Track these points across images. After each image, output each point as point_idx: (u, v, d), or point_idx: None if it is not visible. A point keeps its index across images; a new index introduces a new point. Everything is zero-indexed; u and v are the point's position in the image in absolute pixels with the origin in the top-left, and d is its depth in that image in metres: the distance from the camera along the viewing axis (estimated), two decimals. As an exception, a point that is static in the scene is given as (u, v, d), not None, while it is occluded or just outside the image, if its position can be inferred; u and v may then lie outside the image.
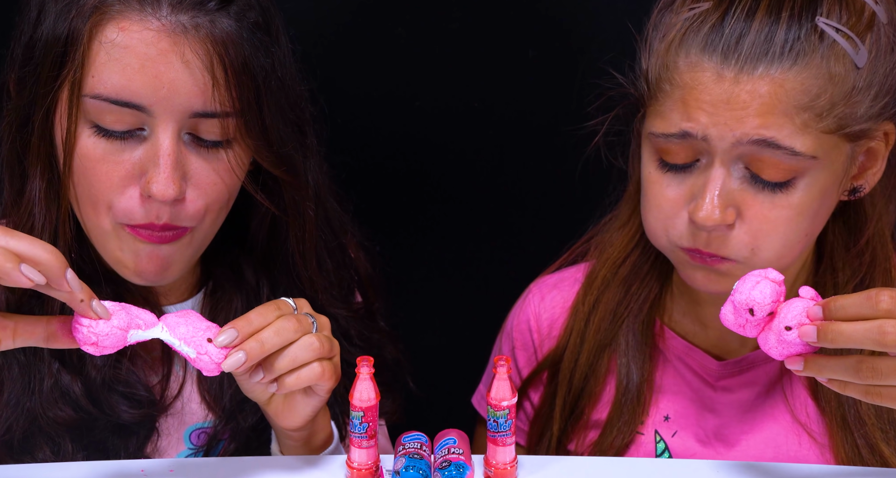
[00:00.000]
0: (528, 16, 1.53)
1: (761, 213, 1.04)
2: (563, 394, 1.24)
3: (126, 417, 1.09)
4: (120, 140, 1.01)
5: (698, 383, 1.19)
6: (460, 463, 0.98)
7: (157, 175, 1.00)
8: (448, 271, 1.63)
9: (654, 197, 1.09)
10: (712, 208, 1.03)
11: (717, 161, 1.04)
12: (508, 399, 0.96)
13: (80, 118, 1.01)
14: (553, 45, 1.53)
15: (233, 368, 0.94)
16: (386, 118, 1.57)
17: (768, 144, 1.01)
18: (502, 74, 1.55)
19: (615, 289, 1.23)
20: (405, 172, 1.61)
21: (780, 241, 1.05)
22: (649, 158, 1.10)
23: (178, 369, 1.15)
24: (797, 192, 1.04)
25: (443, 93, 1.56)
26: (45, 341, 0.92)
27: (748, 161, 1.03)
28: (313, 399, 1.02)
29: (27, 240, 0.87)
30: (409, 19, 1.54)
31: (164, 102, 1.00)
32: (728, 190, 1.04)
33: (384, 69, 1.55)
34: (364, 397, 0.96)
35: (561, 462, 1.05)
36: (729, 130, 1.02)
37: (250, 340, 0.95)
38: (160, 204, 1.01)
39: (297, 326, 0.97)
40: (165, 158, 1.00)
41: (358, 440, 0.98)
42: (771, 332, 0.93)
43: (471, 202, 1.62)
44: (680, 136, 1.04)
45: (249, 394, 1.02)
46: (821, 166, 1.03)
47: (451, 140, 1.59)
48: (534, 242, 1.59)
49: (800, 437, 1.15)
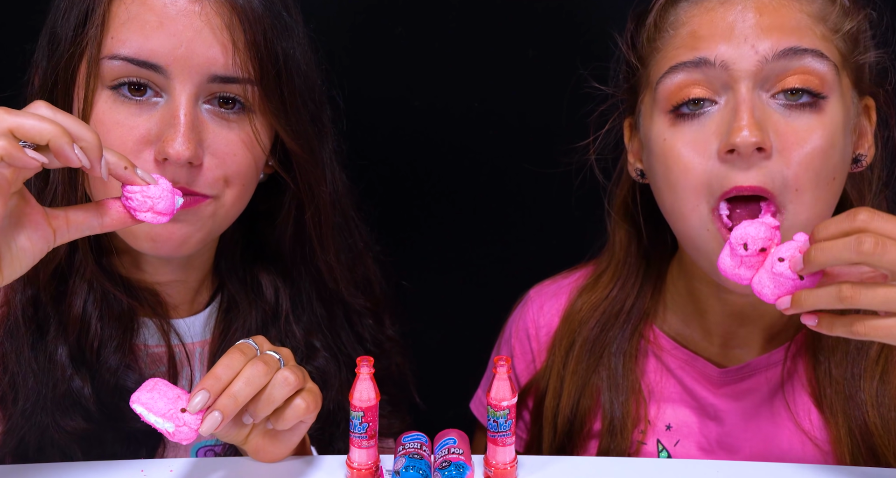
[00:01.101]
0: (528, 16, 1.53)
1: (798, 142, 1.00)
2: (549, 432, 1.23)
3: (135, 424, 1.08)
4: (136, 105, 1.01)
5: (700, 391, 1.19)
6: (460, 463, 0.98)
7: (174, 135, 0.99)
8: (448, 271, 1.63)
9: (676, 157, 1.04)
10: (752, 126, 0.99)
11: (742, 88, 1.00)
12: (508, 399, 0.96)
13: (97, 84, 1.01)
14: (553, 45, 1.53)
15: (210, 430, 0.91)
16: (385, 118, 1.57)
17: (795, 51, 1.00)
18: (502, 74, 1.55)
19: (588, 332, 1.22)
20: (405, 171, 1.61)
21: (815, 178, 1.01)
22: (659, 117, 1.06)
23: (185, 384, 1.15)
24: (826, 117, 1.02)
25: (442, 93, 1.56)
26: (101, 225, 0.91)
27: (774, 83, 1.01)
28: (298, 430, 1.01)
29: (71, 118, 0.86)
30: (409, 19, 1.54)
31: (181, 62, 1.00)
32: (760, 113, 1.01)
33: (384, 69, 1.55)
34: (364, 397, 0.96)
35: (561, 462, 1.05)
36: (751, 48, 0.99)
37: (222, 397, 0.92)
38: (176, 167, 1.00)
39: (266, 369, 0.95)
40: (182, 118, 1.00)
41: (358, 440, 0.98)
42: (763, 270, 0.93)
43: (470, 202, 1.62)
44: (694, 63, 1.02)
45: (224, 438, 1.00)
46: (840, 93, 1.03)
47: (450, 140, 1.59)
48: (534, 242, 1.59)
49: (804, 445, 1.14)
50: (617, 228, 1.23)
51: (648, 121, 1.09)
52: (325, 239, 1.16)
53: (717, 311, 1.16)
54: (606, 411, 1.19)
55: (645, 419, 1.20)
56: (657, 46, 1.07)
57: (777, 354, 1.16)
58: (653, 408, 1.21)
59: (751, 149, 0.99)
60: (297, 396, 0.97)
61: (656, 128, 1.07)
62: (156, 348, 1.14)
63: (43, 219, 0.89)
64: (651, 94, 1.08)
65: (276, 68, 1.04)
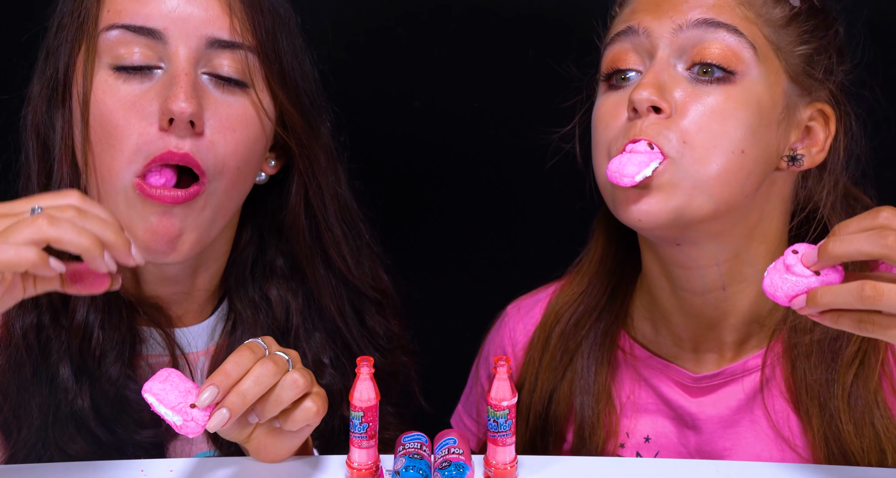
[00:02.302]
0: (528, 16, 1.53)
1: (698, 103, 1.05)
2: (522, 434, 1.23)
3: (136, 437, 1.08)
4: (138, 79, 1.01)
5: (676, 400, 1.18)
6: (460, 463, 0.98)
7: (176, 92, 0.99)
8: (448, 271, 1.63)
9: (599, 116, 1.12)
10: (649, 85, 1.05)
11: (658, 55, 1.07)
12: (508, 399, 0.96)
13: (96, 63, 1.00)
14: (553, 45, 1.53)
15: (218, 427, 0.91)
16: (385, 118, 1.57)
17: (710, 23, 1.06)
18: (502, 74, 1.55)
19: (563, 326, 1.23)
20: (404, 171, 1.61)
21: (712, 139, 1.05)
22: (599, 88, 1.14)
23: None
24: (735, 89, 1.06)
25: (442, 93, 1.56)
26: (62, 286, 0.91)
27: (689, 54, 1.06)
28: (303, 432, 1.00)
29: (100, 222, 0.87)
30: (409, 19, 1.54)
31: (179, 25, 1.00)
32: (668, 78, 1.06)
33: (384, 69, 1.55)
34: (364, 397, 0.96)
35: (561, 462, 1.05)
36: (669, 19, 1.07)
37: (231, 394, 0.92)
38: (180, 129, 1.00)
39: (275, 369, 0.94)
40: (182, 76, 1.00)
41: (358, 440, 0.98)
42: (775, 271, 0.92)
43: (470, 202, 1.62)
44: (624, 32, 1.09)
45: (227, 436, 1.00)
46: (759, 75, 1.06)
47: (450, 140, 1.59)
48: (534, 243, 1.59)
49: (783, 451, 1.13)
50: (598, 229, 1.26)
51: (597, 94, 1.16)
52: (330, 217, 1.15)
53: (678, 312, 1.17)
54: (577, 414, 1.20)
55: (617, 433, 1.20)
56: (609, 27, 1.16)
57: (753, 361, 1.15)
58: (630, 420, 1.20)
59: (645, 105, 1.05)
60: (306, 398, 0.96)
61: (597, 97, 1.15)
62: (158, 358, 1.13)
63: (19, 280, 0.89)
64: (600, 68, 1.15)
65: (273, 34, 1.05)
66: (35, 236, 0.84)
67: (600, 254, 1.25)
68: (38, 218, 0.84)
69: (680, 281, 1.14)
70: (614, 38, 1.12)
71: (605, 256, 1.25)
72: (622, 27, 1.11)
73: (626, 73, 1.10)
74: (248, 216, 1.18)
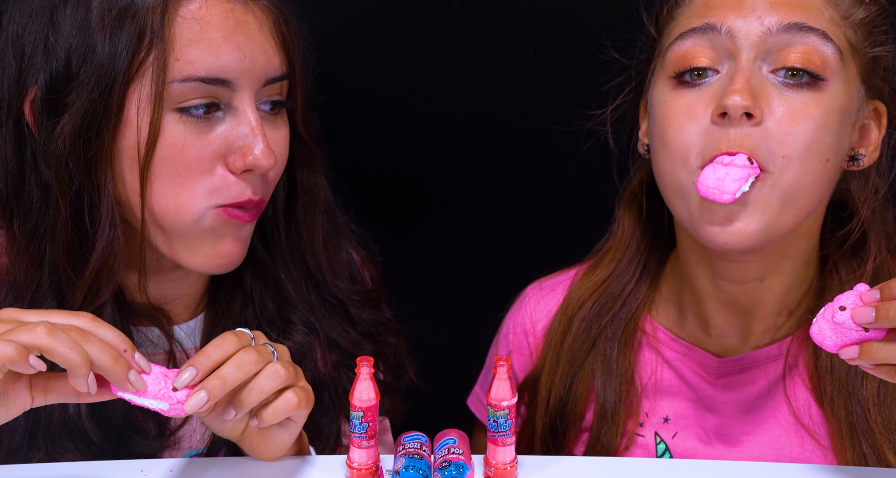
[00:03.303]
0: (528, 16, 1.53)
1: (791, 111, 1.01)
2: (542, 417, 1.23)
3: (137, 449, 1.08)
4: (204, 121, 1.01)
5: (698, 382, 1.19)
6: (460, 463, 0.98)
7: (256, 145, 1.01)
8: (448, 271, 1.63)
9: (672, 118, 1.05)
10: (743, 91, 0.99)
11: (742, 57, 1.02)
12: (508, 399, 0.96)
13: (163, 108, 0.99)
14: (553, 45, 1.53)
15: (196, 408, 0.90)
16: (386, 118, 1.57)
17: (800, 27, 1.01)
18: (502, 74, 1.55)
19: (586, 312, 1.22)
20: (404, 171, 1.61)
21: (807, 150, 1.01)
22: (663, 82, 1.08)
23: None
24: (824, 96, 1.02)
25: (442, 93, 1.56)
26: (76, 396, 0.92)
27: (776, 57, 1.02)
28: (290, 428, 1.00)
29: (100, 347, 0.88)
30: (409, 19, 1.54)
31: (247, 73, 1.01)
32: (757, 82, 1.01)
33: (384, 69, 1.55)
34: (364, 397, 0.96)
35: (561, 462, 1.05)
36: (757, 19, 1.01)
37: (211, 377, 0.91)
38: (255, 178, 1.02)
39: (258, 358, 0.94)
40: (259, 127, 1.01)
41: (358, 440, 0.97)
42: (823, 320, 0.91)
43: (470, 202, 1.62)
44: (702, 29, 1.03)
45: (220, 432, 1.00)
46: (842, 79, 1.03)
47: (450, 140, 1.59)
48: (533, 242, 1.59)
49: (802, 439, 1.14)
50: (624, 213, 1.23)
51: (655, 86, 1.11)
52: (314, 226, 1.15)
53: (714, 298, 1.16)
54: (599, 396, 1.19)
55: (637, 413, 1.20)
56: (674, 16, 1.10)
57: (777, 348, 1.16)
58: (650, 401, 1.21)
59: (739, 111, 1.00)
60: (287, 390, 0.96)
61: (659, 92, 1.09)
62: (151, 357, 1.13)
63: (25, 387, 0.91)
64: (661, 61, 1.10)
65: (301, 61, 1.07)
66: (29, 341, 0.85)
67: (627, 237, 1.22)
68: (38, 325, 0.86)
69: (721, 271, 1.13)
70: (687, 34, 1.05)
71: (631, 240, 1.22)
72: (698, 23, 1.05)
73: (703, 71, 1.05)
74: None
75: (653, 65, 1.14)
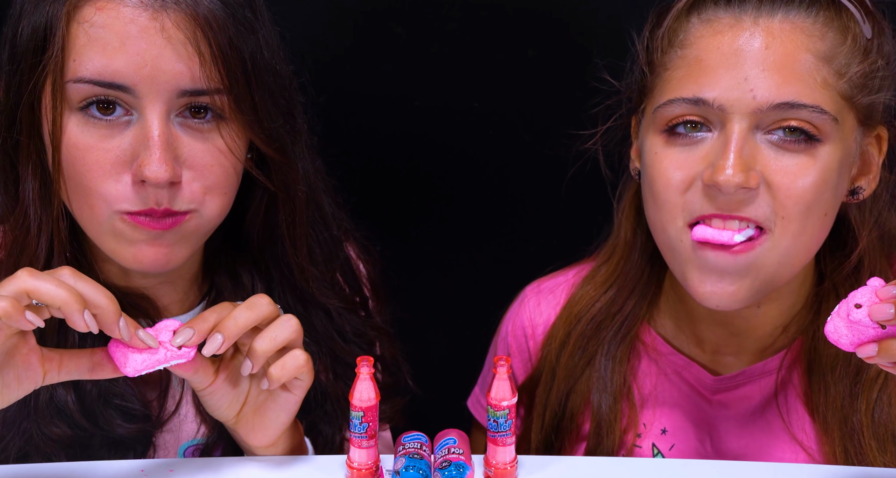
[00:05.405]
0: (528, 16, 1.53)
1: (788, 175, 1.00)
2: (538, 432, 1.23)
3: (120, 431, 1.07)
4: (107, 127, 0.99)
5: (695, 397, 1.18)
6: (460, 463, 0.98)
7: (149, 158, 0.98)
8: (448, 271, 1.63)
9: (663, 171, 1.04)
10: (735, 167, 0.98)
11: (735, 127, 1.00)
12: (508, 399, 0.96)
13: (64, 107, 0.99)
14: (553, 45, 1.53)
15: (213, 351, 0.93)
16: (386, 118, 1.57)
17: (792, 105, 0.99)
18: (502, 74, 1.55)
19: (584, 327, 1.21)
20: (404, 171, 1.61)
21: (806, 210, 1.00)
22: (654, 135, 1.06)
23: (177, 384, 1.14)
24: (820, 152, 1.01)
25: (442, 93, 1.56)
26: (90, 372, 0.93)
27: (769, 125, 1.00)
28: (288, 404, 1.00)
29: (92, 285, 0.89)
30: (409, 19, 1.54)
31: (148, 81, 0.97)
32: (750, 149, 1.00)
33: (384, 69, 1.55)
34: (364, 397, 0.96)
35: (561, 462, 1.05)
36: (749, 91, 0.99)
37: (225, 319, 0.94)
38: (156, 188, 0.99)
39: (269, 302, 0.96)
40: (155, 139, 0.98)
41: (358, 440, 0.97)
42: (839, 318, 0.89)
43: (470, 202, 1.62)
44: (693, 101, 1.01)
45: (216, 412, 1.00)
46: (838, 138, 1.01)
47: (450, 140, 1.59)
48: (533, 242, 1.59)
49: (797, 454, 1.13)
50: (624, 223, 1.22)
51: (645, 131, 1.09)
52: (297, 239, 1.14)
53: (707, 320, 1.16)
54: (595, 411, 1.19)
55: (636, 425, 1.20)
56: (665, 62, 1.07)
57: (772, 363, 1.15)
58: (648, 412, 1.20)
59: (733, 188, 0.99)
60: (295, 348, 0.98)
61: (650, 140, 1.07)
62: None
63: (37, 361, 0.91)
64: (651, 115, 1.08)
65: (245, 75, 1.01)
66: (14, 289, 0.86)
67: (627, 247, 1.21)
68: (20, 271, 0.86)
69: None
70: (677, 102, 1.02)
71: (632, 250, 1.21)
72: (689, 95, 1.01)
73: (696, 124, 1.03)
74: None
75: (645, 103, 1.11)
